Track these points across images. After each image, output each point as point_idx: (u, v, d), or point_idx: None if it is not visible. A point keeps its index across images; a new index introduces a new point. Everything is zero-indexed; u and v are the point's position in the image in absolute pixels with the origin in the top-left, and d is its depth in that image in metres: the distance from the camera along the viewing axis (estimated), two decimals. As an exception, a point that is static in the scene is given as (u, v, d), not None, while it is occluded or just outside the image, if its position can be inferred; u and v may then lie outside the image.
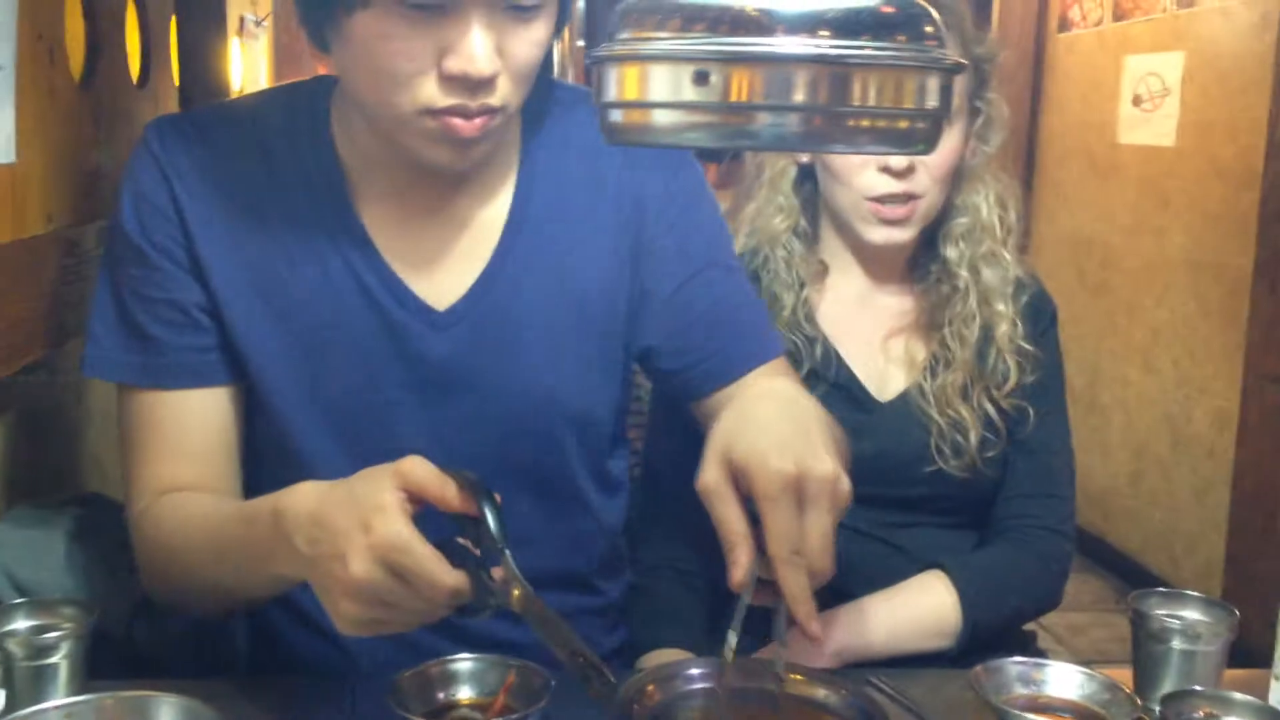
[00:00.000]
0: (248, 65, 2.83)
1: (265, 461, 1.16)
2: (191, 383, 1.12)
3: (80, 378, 1.24)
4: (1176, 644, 1.05)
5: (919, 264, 1.47)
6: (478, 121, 1.02)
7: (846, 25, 0.60)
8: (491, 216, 1.16)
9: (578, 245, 1.18)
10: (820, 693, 1.05)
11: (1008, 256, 1.43)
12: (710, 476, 0.93)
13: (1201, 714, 0.91)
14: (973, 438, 1.37)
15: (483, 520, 0.88)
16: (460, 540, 0.90)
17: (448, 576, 0.85)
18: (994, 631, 1.33)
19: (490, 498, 0.90)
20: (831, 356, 1.42)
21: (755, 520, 0.93)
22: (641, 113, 0.63)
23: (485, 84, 1.00)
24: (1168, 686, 1.05)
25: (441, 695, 1.01)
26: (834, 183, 1.40)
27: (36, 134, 1.24)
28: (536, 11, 1.01)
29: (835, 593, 1.35)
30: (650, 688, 1.03)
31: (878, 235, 1.39)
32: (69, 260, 1.33)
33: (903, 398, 1.41)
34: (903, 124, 0.63)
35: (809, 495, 0.91)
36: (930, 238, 1.45)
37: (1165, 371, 3.62)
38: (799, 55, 0.60)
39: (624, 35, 0.63)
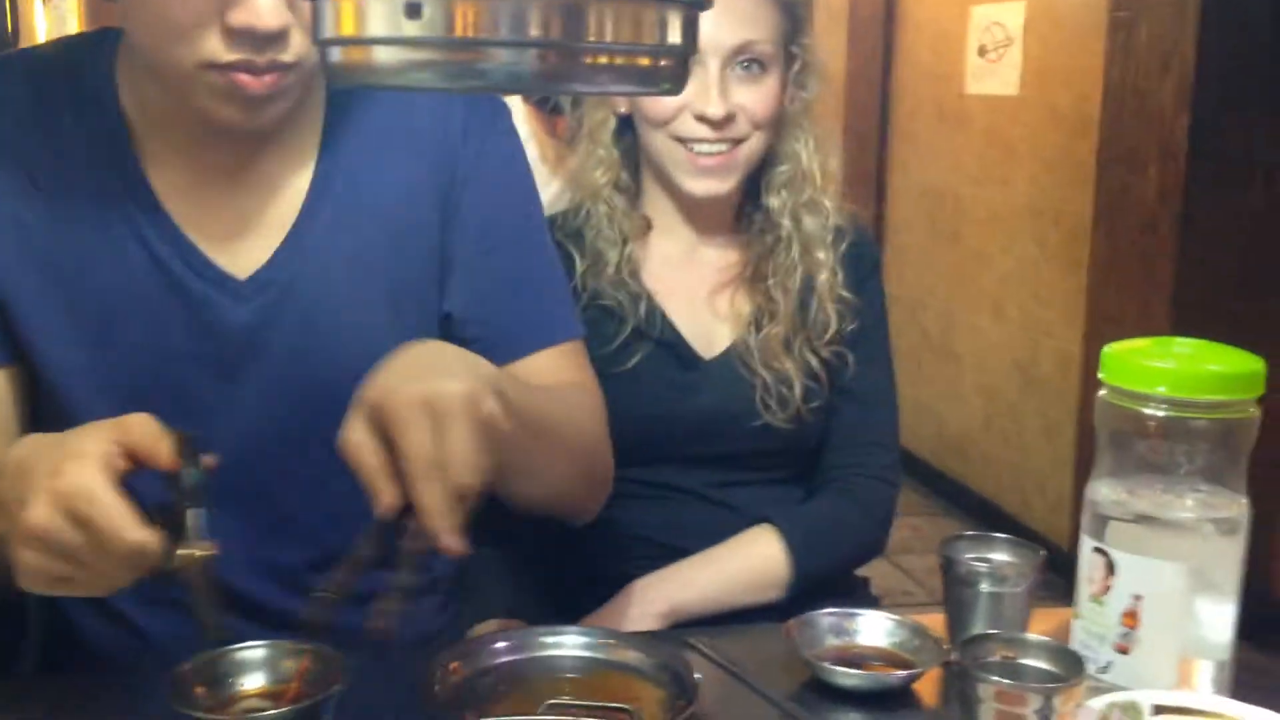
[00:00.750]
0: (52, 25, 2.68)
1: None
2: None
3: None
4: (984, 587, 1.06)
5: (743, 215, 1.45)
6: (268, 78, 0.95)
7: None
8: (295, 178, 1.10)
9: (387, 207, 1.12)
10: (631, 656, 1.03)
11: (828, 204, 1.42)
12: (348, 433, 0.88)
13: (998, 657, 0.91)
14: (797, 389, 1.36)
15: (179, 476, 0.84)
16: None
17: (132, 531, 0.78)
18: (823, 580, 1.33)
19: (194, 456, 0.85)
20: (656, 315, 1.39)
21: None
22: (360, 51, 0.58)
23: (274, 38, 0.93)
24: (978, 629, 1.05)
25: (232, 683, 0.96)
26: (650, 131, 1.36)
27: None
28: None
29: (669, 554, 1.34)
30: (454, 664, 1.00)
31: (698, 186, 1.36)
32: None
33: (727, 354, 1.39)
34: (644, 61, 0.60)
35: (441, 411, 0.84)
36: (753, 188, 1.43)
37: (1013, 318, 3.71)
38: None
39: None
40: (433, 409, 0.84)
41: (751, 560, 1.33)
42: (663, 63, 0.61)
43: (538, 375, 1.15)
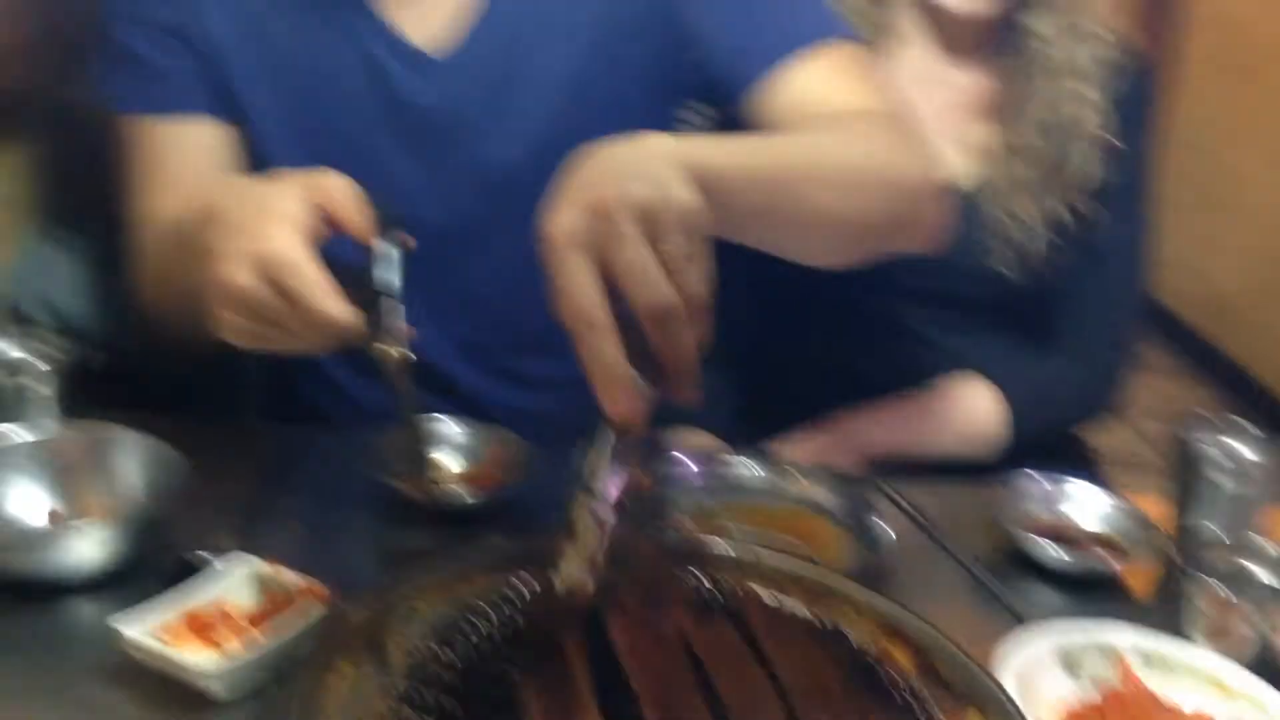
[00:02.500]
0: None
1: None
2: (186, 107, 1.07)
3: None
4: (1219, 480, 0.96)
5: (1002, 37, 1.30)
6: None
7: None
8: None
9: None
10: (821, 495, 1.00)
11: (1105, 33, 1.26)
12: (561, 222, 0.69)
13: (1221, 560, 0.83)
14: (1036, 238, 1.25)
15: (380, 259, 0.81)
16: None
17: (333, 308, 0.76)
18: (1037, 440, 1.25)
19: (396, 238, 0.82)
20: None
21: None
22: None
23: None
24: (1204, 522, 0.96)
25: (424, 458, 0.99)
26: None
27: None
28: None
29: (876, 391, 1.28)
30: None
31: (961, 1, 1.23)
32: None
33: (968, 191, 1.28)
34: None
35: (659, 221, 0.69)
36: (1017, 5, 1.28)
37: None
38: None
39: None
40: (650, 217, 0.69)
41: (965, 413, 1.26)
42: None
43: (798, 92, 1.02)
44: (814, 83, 1.02)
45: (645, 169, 0.72)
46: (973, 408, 1.26)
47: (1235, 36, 3.65)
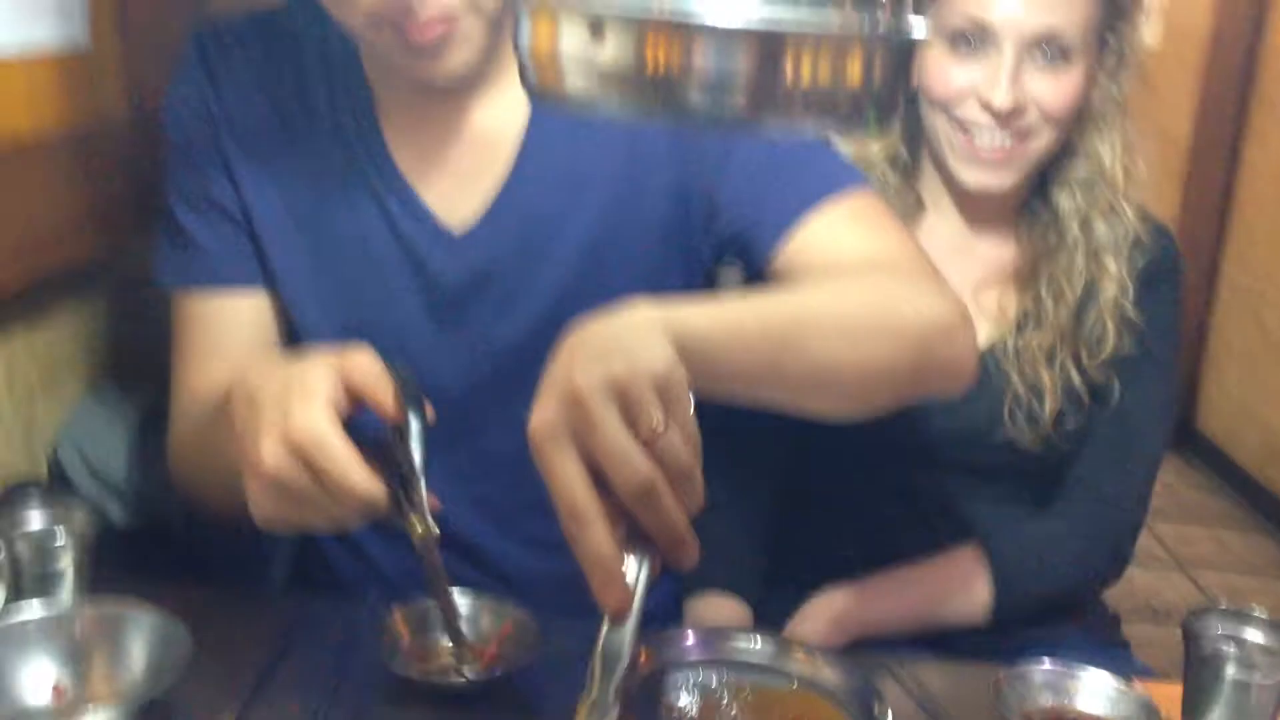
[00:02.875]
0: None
1: None
2: (230, 282, 1.13)
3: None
4: (1228, 672, 0.95)
5: (1026, 210, 1.34)
6: (433, 28, 0.96)
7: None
8: (507, 130, 1.11)
9: (606, 144, 1.10)
10: (825, 675, 0.99)
11: (1129, 211, 1.28)
12: (540, 417, 0.72)
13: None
14: (1049, 406, 1.26)
15: (405, 436, 0.83)
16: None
17: (361, 484, 0.79)
18: (1033, 608, 1.24)
19: (421, 413, 0.84)
20: None
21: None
22: (552, 71, 0.57)
23: None
24: (1215, 716, 0.95)
25: (433, 635, 1.00)
26: (932, 110, 1.28)
27: (112, 14, 1.26)
28: None
29: (881, 561, 1.29)
30: (644, 655, 0.99)
31: (973, 178, 1.27)
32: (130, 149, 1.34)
33: (982, 356, 1.30)
34: (846, 104, 0.55)
35: (634, 398, 0.70)
36: (1042, 182, 1.32)
37: (1371, 324, 3.30)
38: (710, 22, 0.52)
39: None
40: (624, 395, 0.71)
41: (951, 582, 1.26)
42: (867, 103, 0.56)
43: (818, 248, 1.04)
44: (832, 235, 1.04)
45: (620, 343, 0.74)
46: (959, 575, 1.25)
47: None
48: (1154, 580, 3.07)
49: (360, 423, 0.84)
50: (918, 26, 0.55)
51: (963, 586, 1.25)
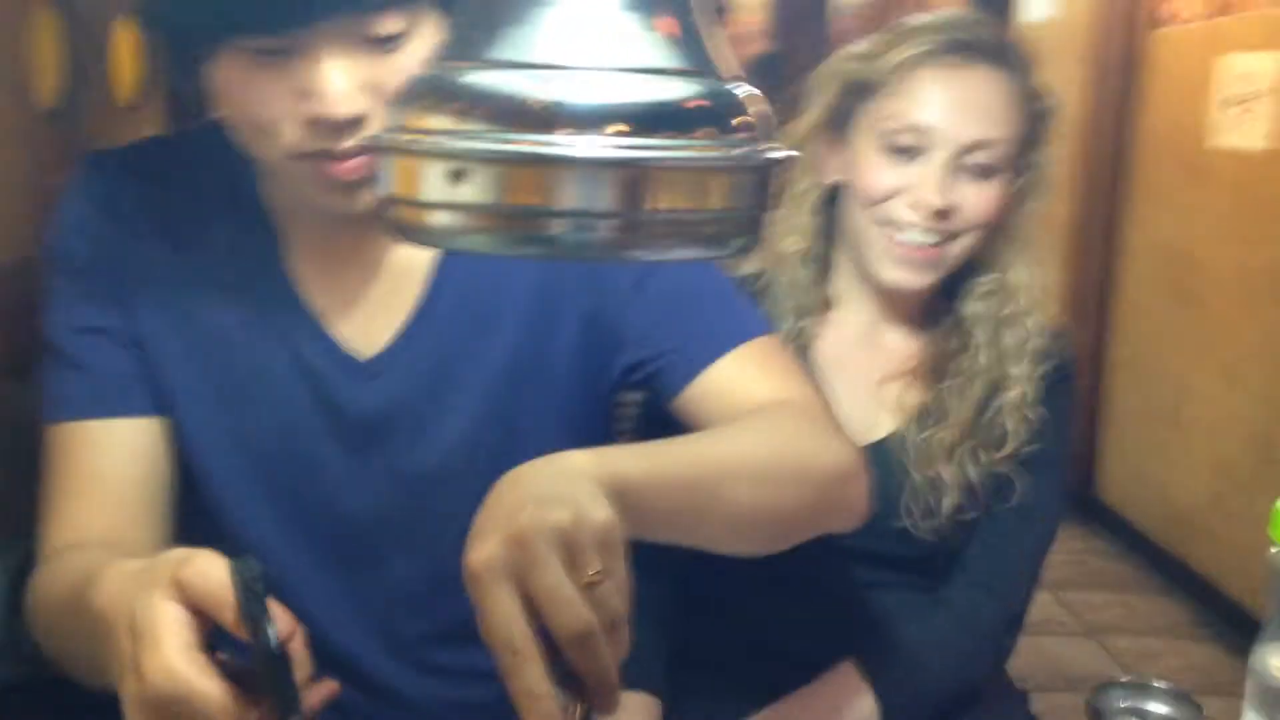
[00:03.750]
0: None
1: (189, 510, 1.12)
2: (115, 411, 1.08)
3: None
4: (1132, 751, 0.96)
5: (934, 308, 1.37)
6: (354, 163, 0.96)
7: (640, 119, 0.54)
8: (418, 258, 1.11)
9: (518, 272, 1.11)
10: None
11: (1032, 324, 1.33)
12: (481, 553, 0.73)
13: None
14: (947, 501, 1.28)
15: (261, 643, 0.73)
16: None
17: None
18: (924, 712, 1.26)
19: (263, 609, 0.74)
20: None
21: None
22: (414, 212, 0.57)
23: (352, 124, 0.94)
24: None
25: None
26: (856, 209, 1.31)
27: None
28: (401, 40, 0.94)
29: (781, 654, 1.29)
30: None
31: (892, 275, 1.30)
32: (28, 291, 1.31)
33: (880, 445, 1.32)
34: (711, 227, 0.56)
35: (574, 544, 0.72)
36: (949, 286, 1.35)
37: (1254, 388, 3.43)
38: (572, 156, 0.53)
39: (396, 121, 0.57)
40: (567, 541, 0.73)
41: (836, 705, 1.26)
42: (730, 227, 0.57)
43: (725, 389, 1.07)
44: (742, 377, 1.08)
45: (561, 491, 0.75)
46: (844, 697, 1.26)
47: (1180, 265, 3.80)
48: (1063, 648, 3.10)
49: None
50: (776, 147, 0.57)
51: (848, 707, 1.25)
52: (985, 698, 1.36)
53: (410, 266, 1.11)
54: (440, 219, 0.56)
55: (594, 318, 1.12)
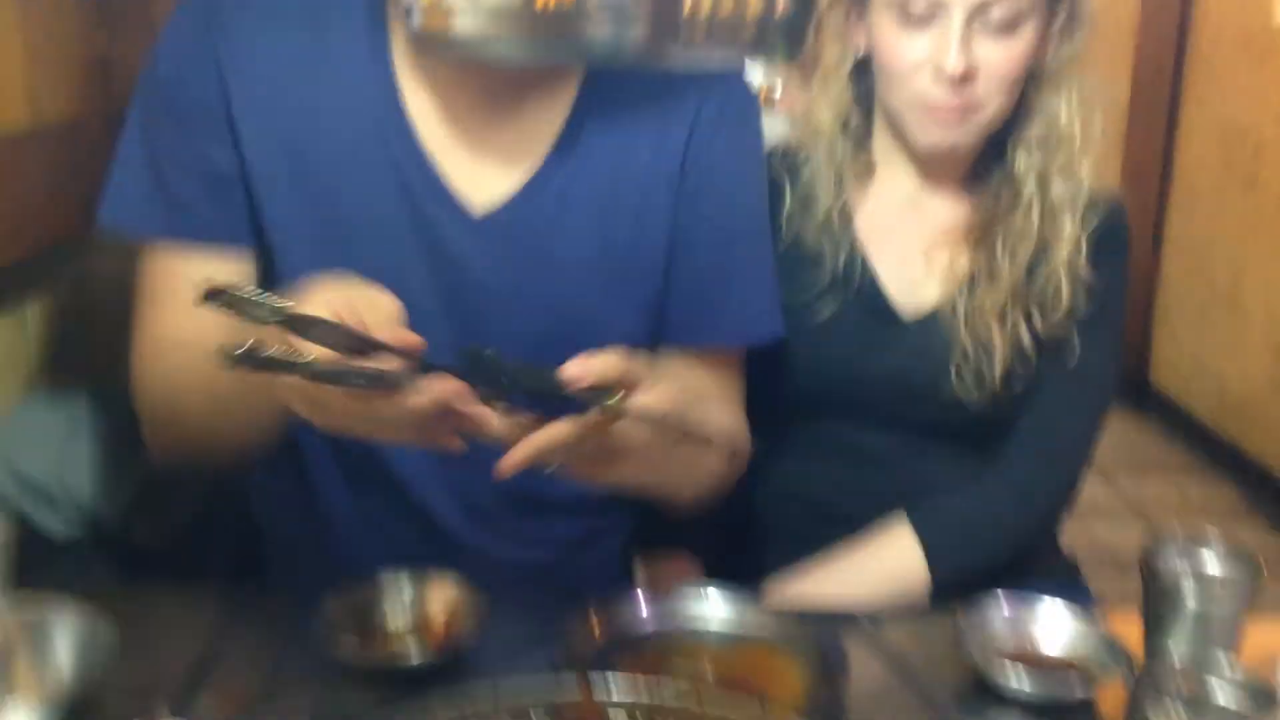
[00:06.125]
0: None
1: None
2: (214, 241, 1.05)
3: (120, 273, 1.18)
4: (1188, 602, 0.94)
5: (981, 168, 1.32)
6: None
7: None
8: (546, 124, 1.08)
9: (631, 162, 1.10)
10: (784, 631, 0.98)
11: (1084, 171, 1.27)
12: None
13: (1187, 686, 0.81)
14: (998, 366, 1.24)
15: None
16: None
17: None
18: (971, 580, 1.22)
19: None
20: (858, 265, 1.30)
21: None
22: (440, 17, 0.54)
23: None
24: (1176, 647, 0.94)
25: (379, 617, 0.98)
26: (885, 79, 1.26)
27: (16, 25, 1.21)
28: None
29: (831, 520, 1.27)
30: (598, 620, 0.97)
31: (927, 136, 1.25)
32: (74, 151, 1.31)
33: (931, 316, 1.29)
34: (748, 32, 0.53)
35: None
36: (998, 140, 1.30)
37: (1315, 272, 3.34)
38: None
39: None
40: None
41: (885, 564, 1.24)
42: (771, 30, 0.54)
43: (697, 375, 1.15)
44: (708, 371, 1.16)
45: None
46: (893, 557, 1.24)
47: (1239, 145, 3.68)
48: (1113, 532, 3.08)
49: None
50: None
51: (897, 567, 1.24)
52: (1036, 568, 1.34)
53: (536, 130, 1.07)
54: (466, 21, 0.53)
55: (670, 234, 1.13)
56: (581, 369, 0.86)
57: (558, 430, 0.87)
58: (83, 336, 1.51)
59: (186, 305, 1.03)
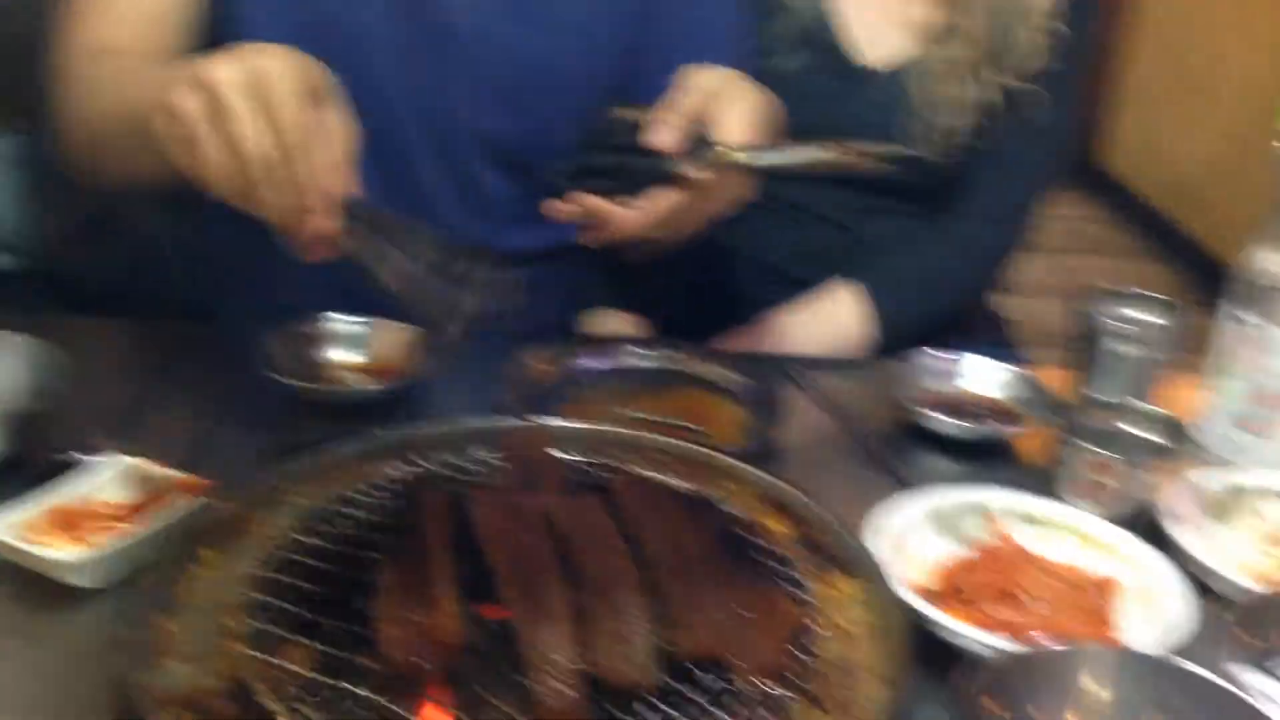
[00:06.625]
0: None
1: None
2: None
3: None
4: (1106, 345, 0.96)
5: None
6: None
7: None
8: None
9: None
10: (719, 374, 1.00)
11: None
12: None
13: (1103, 422, 0.84)
14: (961, 123, 1.23)
15: None
16: None
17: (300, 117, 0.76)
18: (916, 335, 1.25)
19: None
20: (818, 11, 1.26)
21: None
22: None
23: None
24: (1099, 389, 0.97)
25: (327, 354, 0.99)
26: None
27: None
28: None
29: (781, 281, 1.28)
30: (542, 363, 0.99)
31: None
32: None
33: (898, 68, 1.26)
34: None
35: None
36: None
37: (1281, 49, 3.28)
38: None
39: None
40: None
41: (835, 323, 1.25)
42: None
43: None
44: None
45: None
46: (841, 316, 1.25)
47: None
48: (1054, 310, 3.13)
49: None
50: None
51: (845, 325, 1.25)
52: (974, 335, 1.36)
53: None
54: None
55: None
56: (672, 132, 0.89)
57: (670, 197, 0.90)
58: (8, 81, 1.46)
59: (120, 12, 1.00)
